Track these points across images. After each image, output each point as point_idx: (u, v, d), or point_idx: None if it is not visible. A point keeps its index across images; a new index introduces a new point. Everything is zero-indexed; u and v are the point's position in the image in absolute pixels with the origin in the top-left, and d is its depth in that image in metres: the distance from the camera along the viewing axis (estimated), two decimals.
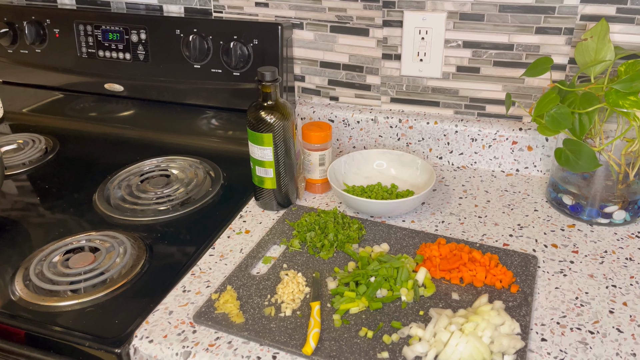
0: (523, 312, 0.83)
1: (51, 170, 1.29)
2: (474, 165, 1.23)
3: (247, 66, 1.26)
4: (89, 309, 0.87)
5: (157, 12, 1.39)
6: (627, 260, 0.94)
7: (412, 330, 0.80)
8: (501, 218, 1.06)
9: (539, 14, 1.10)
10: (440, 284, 0.89)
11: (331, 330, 0.80)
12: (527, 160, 1.19)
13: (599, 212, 1.02)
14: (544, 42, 1.12)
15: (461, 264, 0.91)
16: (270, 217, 1.08)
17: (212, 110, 1.38)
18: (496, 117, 1.21)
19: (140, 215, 1.09)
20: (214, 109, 1.37)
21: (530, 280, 0.89)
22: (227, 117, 1.36)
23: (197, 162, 1.26)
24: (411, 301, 0.86)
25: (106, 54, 1.39)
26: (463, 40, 1.17)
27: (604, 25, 0.96)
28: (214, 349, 0.79)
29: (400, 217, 1.07)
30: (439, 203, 1.11)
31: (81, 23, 1.39)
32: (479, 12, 1.13)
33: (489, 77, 1.19)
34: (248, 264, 0.94)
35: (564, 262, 0.94)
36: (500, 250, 0.95)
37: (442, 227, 1.04)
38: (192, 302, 0.88)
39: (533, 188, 1.15)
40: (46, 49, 1.44)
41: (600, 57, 0.97)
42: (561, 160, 0.97)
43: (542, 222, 1.04)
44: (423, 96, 1.25)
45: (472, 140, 1.21)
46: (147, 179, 1.22)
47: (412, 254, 0.96)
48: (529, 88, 1.17)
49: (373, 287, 0.86)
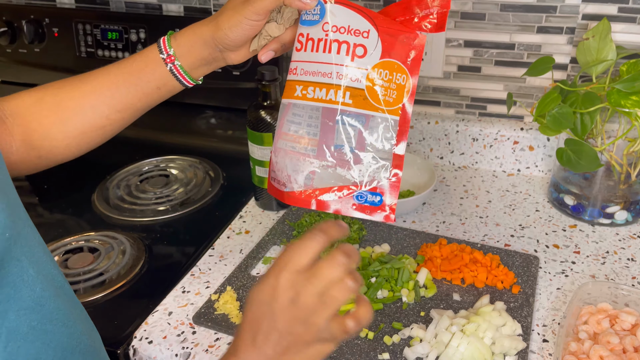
0: (524, 313, 0.82)
1: (50, 170, 1.29)
2: (475, 165, 1.23)
3: (247, 66, 1.25)
4: (88, 309, 0.86)
5: (157, 11, 1.38)
6: (629, 260, 0.94)
7: (413, 331, 0.79)
8: (502, 218, 1.06)
9: (541, 13, 1.09)
10: (441, 285, 0.89)
11: None
12: (529, 160, 1.18)
13: (601, 213, 1.02)
14: (545, 41, 1.11)
15: (462, 265, 0.90)
16: (270, 218, 1.07)
17: (211, 110, 1.37)
18: (497, 116, 1.21)
19: (140, 216, 1.09)
20: (214, 108, 1.37)
21: (531, 281, 0.88)
22: (226, 116, 1.36)
23: (196, 162, 1.26)
24: (412, 302, 0.85)
25: (105, 53, 1.38)
26: (464, 40, 1.16)
27: (606, 24, 0.96)
28: (214, 350, 0.79)
29: (401, 218, 1.06)
30: (440, 203, 1.11)
31: (80, 22, 1.39)
32: (480, 11, 1.13)
33: (491, 77, 1.18)
34: (248, 264, 0.94)
35: (566, 262, 0.94)
36: (502, 251, 0.95)
37: (443, 228, 1.03)
38: (192, 302, 0.87)
39: (534, 188, 1.15)
40: (45, 48, 1.44)
41: (601, 56, 0.96)
42: (563, 160, 0.97)
43: (544, 223, 1.04)
44: (424, 96, 1.24)
45: (473, 140, 1.20)
46: (147, 179, 1.22)
47: (413, 254, 0.95)
48: (530, 88, 1.17)
49: (374, 287, 0.85)
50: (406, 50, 0.65)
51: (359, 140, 0.65)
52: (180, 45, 0.70)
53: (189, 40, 0.70)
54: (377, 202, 0.65)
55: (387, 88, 0.64)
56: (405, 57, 0.65)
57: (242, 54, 0.71)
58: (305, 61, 0.66)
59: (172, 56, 0.70)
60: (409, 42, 0.65)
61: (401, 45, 0.65)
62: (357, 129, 0.65)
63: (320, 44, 0.65)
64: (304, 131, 0.66)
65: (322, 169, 0.65)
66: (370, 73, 0.64)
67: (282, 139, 0.67)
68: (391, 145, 0.65)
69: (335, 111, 0.64)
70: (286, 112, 0.67)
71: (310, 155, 0.65)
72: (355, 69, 0.64)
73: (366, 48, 0.64)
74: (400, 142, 0.65)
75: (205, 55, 0.71)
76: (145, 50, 0.72)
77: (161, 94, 0.73)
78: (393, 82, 0.64)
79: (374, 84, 0.64)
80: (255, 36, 0.70)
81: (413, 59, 0.65)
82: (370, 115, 0.64)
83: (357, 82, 0.64)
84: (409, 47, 0.65)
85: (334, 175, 0.65)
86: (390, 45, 0.64)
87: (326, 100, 0.64)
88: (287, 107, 0.67)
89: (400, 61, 0.65)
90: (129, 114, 0.74)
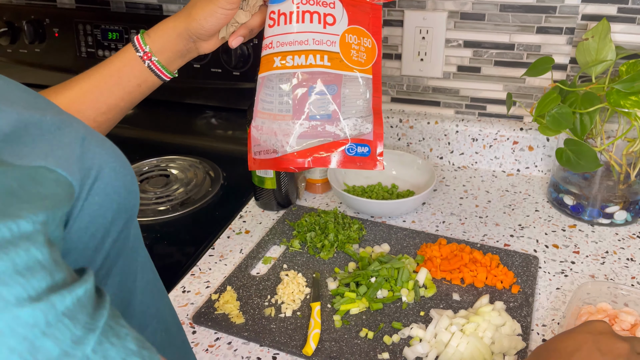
0: (524, 313, 0.82)
1: None
2: (475, 165, 1.23)
3: (247, 66, 1.26)
4: None
5: (157, 12, 1.38)
6: (629, 260, 0.94)
7: (412, 331, 0.79)
8: (502, 218, 1.06)
9: (540, 13, 1.09)
10: (441, 285, 0.89)
11: (331, 331, 0.80)
12: (528, 160, 1.19)
13: (600, 213, 1.02)
14: (545, 41, 1.11)
15: (462, 265, 0.90)
16: (270, 217, 1.08)
17: (211, 110, 1.37)
18: (497, 117, 1.21)
19: (140, 216, 1.09)
20: (214, 108, 1.37)
21: (531, 281, 0.88)
22: (226, 116, 1.36)
23: (196, 162, 1.26)
24: (412, 302, 0.85)
25: (106, 54, 1.38)
26: (464, 40, 1.16)
27: (605, 25, 0.96)
28: (214, 350, 0.79)
29: (401, 218, 1.06)
30: (440, 203, 1.11)
31: (81, 22, 1.39)
32: (479, 12, 1.13)
33: (490, 77, 1.18)
34: (248, 264, 0.94)
35: (565, 262, 0.94)
36: (501, 251, 0.95)
37: (443, 228, 1.03)
38: (192, 302, 0.87)
39: (534, 188, 1.15)
40: (45, 49, 1.44)
41: (601, 57, 0.96)
42: (562, 160, 0.97)
43: (543, 223, 1.04)
44: (424, 96, 1.25)
45: (473, 140, 1.21)
46: (147, 178, 1.22)
47: (413, 254, 0.95)
48: (530, 88, 1.17)
49: (374, 287, 0.86)
50: (367, 18, 0.74)
51: (339, 99, 0.71)
52: (155, 42, 0.74)
53: (163, 35, 0.74)
54: (366, 152, 0.73)
55: (358, 50, 0.72)
56: (368, 23, 0.74)
57: (213, 42, 0.77)
58: (280, 34, 0.71)
59: (148, 53, 0.74)
60: (368, 12, 0.74)
61: (362, 13, 0.73)
62: (336, 88, 0.71)
63: (292, 16, 0.71)
64: (285, 99, 0.72)
65: (311, 129, 0.71)
66: (342, 38, 0.72)
67: (261, 114, 0.73)
68: (369, 101, 0.73)
69: (316, 74, 0.71)
70: (262, 86, 0.73)
71: (297, 117, 0.71)
72: (329, 35, 0.71)
73: (335, 17, 0.72)
74: (376, 97, 0.74)
75: (180, 48, 0.75)
76: (121, 50, 0.75)
77: (142, 91, 0.77)
78: (362, 45, 0.73)
79: (346, 47, 0.72)
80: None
81: (374, 26, 0.74)
82: (347, 76, 0.72)
83: (333, 45, 0.71)
84: (368, 15, 0.74)
85: (323, 133, 0.72)
86: (354, 14, 0.73)
87: (306, 65, 0.70)
88: (263, 80, 0.72)
89: (365, 27, 0.73)
90: (113, 115, 0.77)
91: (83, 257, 0.44)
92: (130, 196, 0.48)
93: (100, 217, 0.44)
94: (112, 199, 0.45)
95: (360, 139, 0.72)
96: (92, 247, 0.44)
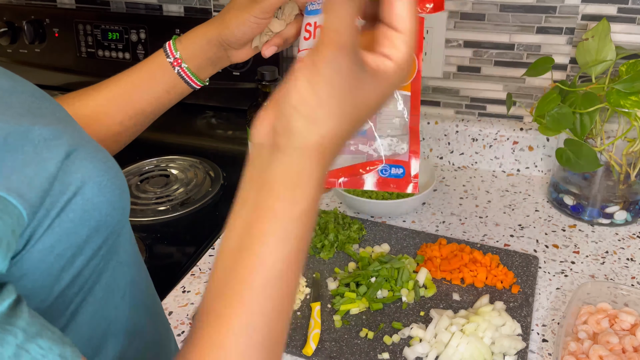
0: (524, 313, 0.82)
1: None
2: (475, 165, 1.23)
3: (247, 66, 1.25)
4: None
5: (157, 12, 1.38)
6: (629, 260, 0.94)
7: (412, 331, 0.79)
8: (502, 218, 1.06)
9: (540, 13, 1.09)
10: (441, 285, 0.89)
11: (331, 331, 0.80)
12: (528, 160, 1.19)
13: (600, 213, 1.02)
14: (545, 41, 1.11)
15: (462, 265, 0.90)
16: None
17: (211, 110, 1.37)
18: (497, 117, 1.21)
19: (140, 216, 1.09)
20: (214, 108, 1.37)
21: (531, 281, 0.88)
22: (226, 116, 1.36)
23: (196, 162, 1.26)
24: (412, 302, 0.85)
25: (106, 54, 1.38)
26: (464, 40, 1.16)
27: (605, 25, 0.96)
28: None
29: (401, 218, 1.06)
30: (440, 203, 1.11)
31: (81, 22, 1.39)
32: (479, 12, 1.13)
33: (490, 77, 1.18)
34: None
35: (565, 262, 0.94)
36: (501, 251, 0.95)
37: (443, 228, 1.03)
38: (192, 302, 0.87)
39: (534, 188, 1.15)
40: (45, 49, 1.44)
41: (601, 57, 0.96)
42: (562, 160, 0.97)
43: (543, 223, 1.04)
44: (424, 96, 1.25)
45: (473, 140, 1.21)
46: (147, 178, 1.22)
47: (413, 254, 0.95)
48: (530, 88, 1.17)
49: (374, 287, 0.86)
50: None
51: (375, 117, 0.67)
52: (186, 48, 0.72)
53: (194, 42, 0.72)
54: (400, 174, 0.69)
55: None
56: None
57: (245, 51, 0.73)
58: None
59: (179, 59, 0.72)
60: None
61: None
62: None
63: None
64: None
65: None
66: None
67: None
68: (406, 119, 0.69)
69: None
70: None
71: None
72: None
73: None
74: (414, 116, 0.69)
75: (210, 55, 0.72)
76: (151, 56, 0.74)
77: (170, 98, 0.75)
78: None
79: None
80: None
81: (417, 39, 0.70)
82: None
83: None
84: None
85: (356, 152, 0.68)
86: None
87: None
88: None
89: None
90: (140, 120, 0.75)
91: (46, 276, 0.42)
92: (115, 212, 0.46)
93: (72, 235, 0.43)
94: (91, 216, 0.44)
95: (395, 160, 0.69)
96: (58, 267, 0.43)
